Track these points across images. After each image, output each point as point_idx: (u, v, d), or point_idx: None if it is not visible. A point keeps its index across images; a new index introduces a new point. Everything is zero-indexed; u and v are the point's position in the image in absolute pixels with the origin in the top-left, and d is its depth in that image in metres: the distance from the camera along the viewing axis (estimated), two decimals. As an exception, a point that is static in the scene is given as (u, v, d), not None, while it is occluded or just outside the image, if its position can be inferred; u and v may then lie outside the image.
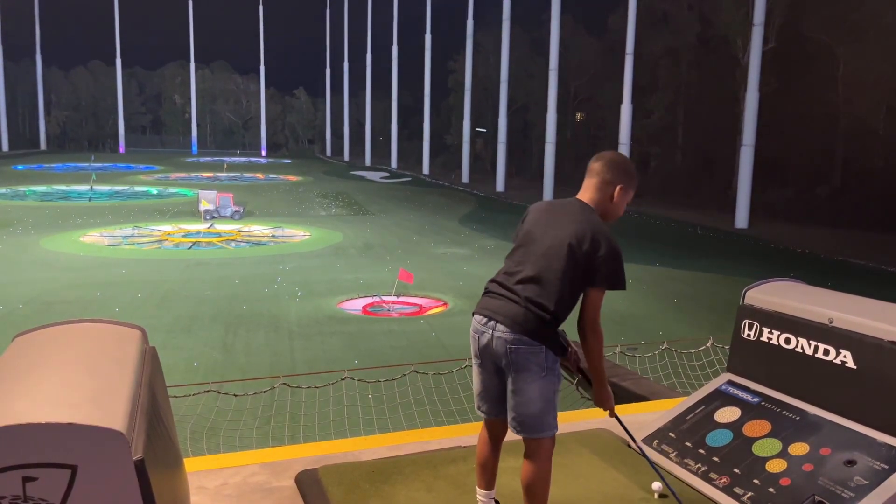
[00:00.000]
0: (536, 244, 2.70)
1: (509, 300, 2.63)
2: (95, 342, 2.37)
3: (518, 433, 2.65)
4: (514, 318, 2.58)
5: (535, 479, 2.65)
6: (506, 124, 36.75)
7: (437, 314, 11.62)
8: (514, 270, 2.69)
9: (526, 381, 2.58)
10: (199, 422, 5.87)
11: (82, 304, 11.22)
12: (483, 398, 2.74)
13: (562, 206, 2.79)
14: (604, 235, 2.62)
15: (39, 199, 27.39)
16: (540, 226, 2.75)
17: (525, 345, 2.56)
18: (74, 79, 66.49)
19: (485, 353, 2.65)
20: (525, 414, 2.60)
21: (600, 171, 2.76)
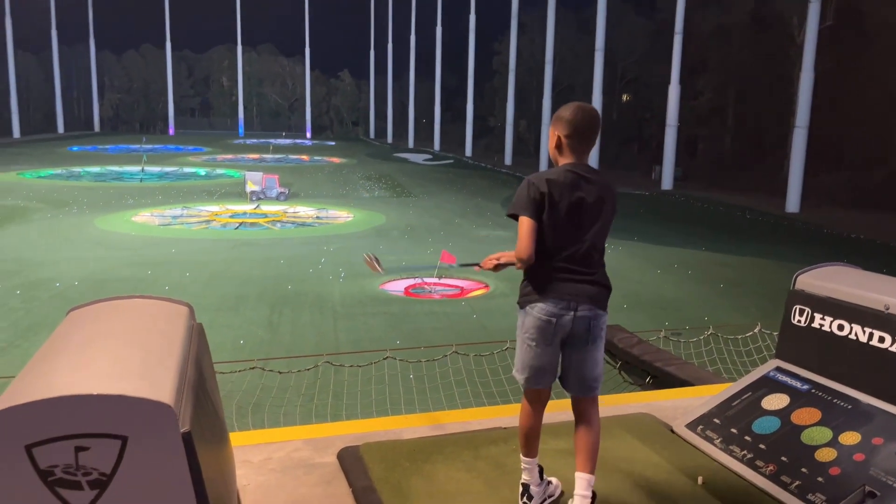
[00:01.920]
0: (581, 220, 2.73)
1: (583, 280, 2.79)
2: (145, 317, 2.43)
3: (587, 395, 2.88)
4: (592, 295, 2.79)
5: (598, 430, 2.87)
6: (550, 106, 36.33)
7: (479, 296, 11.62)
8: (571, 249, 2.79)
9: (597, 347, 2.84)
10: (244, 398, 6.00)
11: (134, 282, 11.54)
12: (545, 374, 2.87)
13: (574, 178, 2.82)
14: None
15: (93, 180, 28.18)
16: (571, 200, 2.78)
17: (602, 316, 2.82)
18: (126, 62, 68.00)
19: (559, 333, 2.80)
20: (594, 376, 2.86)
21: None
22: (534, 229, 2.81)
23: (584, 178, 2.80)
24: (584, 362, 2.83)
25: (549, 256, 2.80)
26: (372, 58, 66.46)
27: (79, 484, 1.65)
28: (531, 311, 2.81)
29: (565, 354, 2.84)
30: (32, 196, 22.21)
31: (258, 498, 2.96)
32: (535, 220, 2.81)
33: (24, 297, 10.62)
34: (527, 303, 2.84)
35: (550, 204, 2.77)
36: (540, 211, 2.79)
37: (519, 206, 2.84)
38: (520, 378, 2.88)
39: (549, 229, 2.79)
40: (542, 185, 2.79)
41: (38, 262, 13.02)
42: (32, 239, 15.55)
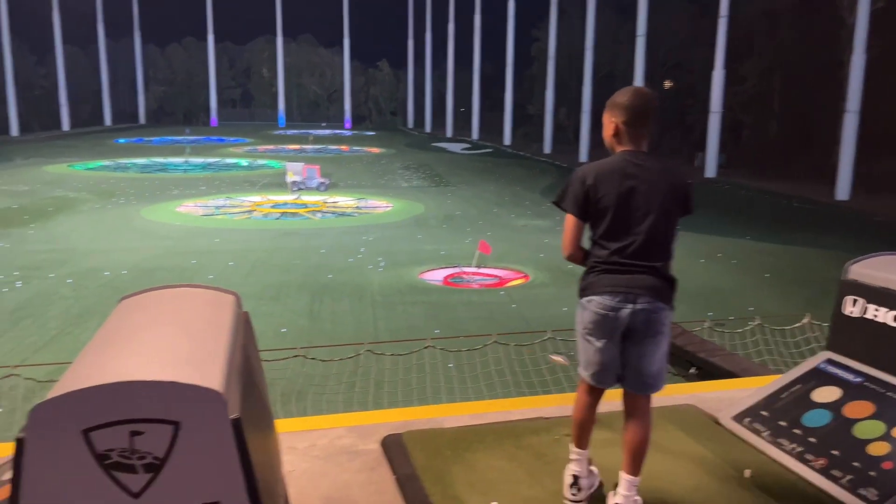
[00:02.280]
0: (634, 210, 2.68)
1: (642, 271, 2.69)
2: (194, 306, 2.48)
3: (642, 392, 2.79)
4: (653, 287, 2.68)
5: (649, 433, 2.80)
6: (591, 93, 35.87)
7: (518, 286, 11.58)
8: (626, 241, 2.70)
9: (659, 343, 2.73)
10: (288, 385, 6.09)
11: (179, 271, 11.79)
12: (605, 372, 2.80)
13: (627, 166, 2.75)
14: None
15: (139, 171, 28.83)
16: (624, 190, 2.71)
17: (663, 310, 2.70)
18: (170, 55, 69.22)
19: (617, 328, 2.71)
20: (653, 373, 2.76)
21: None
22: (575, 226, 2.78)
23: (639, 167, 2.72)
24: (642, 357, 2.73)
25: (603, 248, 2.73)
26: (410, 47, 66.45)
27: (134, 468, 1.70)
28: (588, 304, 2.74)
29: (624, 349, 2.75)
30: (81, 187, 22.83)
31: (303, 483, 3.01)
32: (578, 217, 2.77)
33: (75, 285, 10.94)
34: (584, 296, 2.78)
35: (596, 197, 2.71)
36: (584, 206, 2.74)
37: (564, 199, 2.81)
38: (585, 375, 2.82)
39: (598, 222, 2.73)
40: (589, 177, 2.75)
41: (88, 252, 13.39)
42: (82, 229, 15.99)
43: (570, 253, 2.82)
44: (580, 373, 2.88)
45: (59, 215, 17.64)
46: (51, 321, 9.10)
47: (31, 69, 52.84)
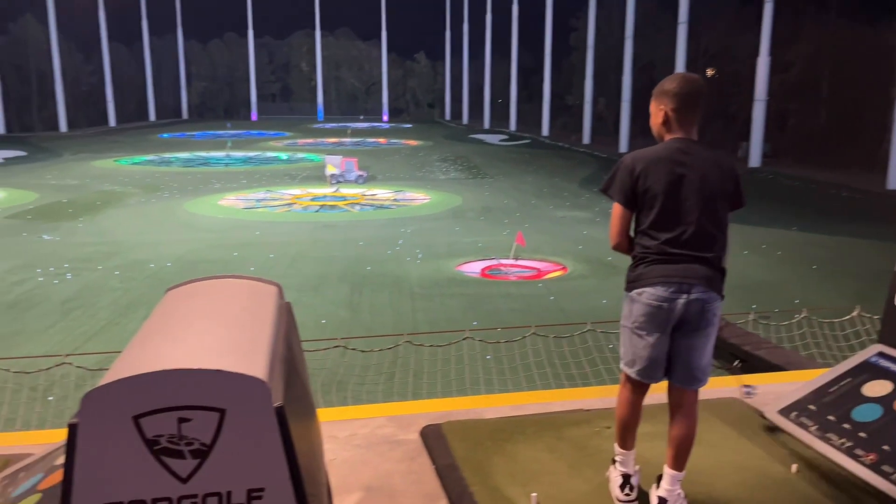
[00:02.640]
0: (684, 199, 2.64)
1: (695, 261, 2.63)
2: (238, 296, 2.52)
3: (690, 386, 2.73)
4: (706, 277, 2.62)
5: (695, 428, 2.75)
6: (630, 82, 35.35)
7: (556, 278, 11.50)
8: (677, 230, 2.64)
9: (710, 335, 2.68)
10: (328, 375, 6.16)
11: (222, 263, 12.00)
12: (655, 367, 2.73)
13: (677, 154, 2.69)
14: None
15: (182, 165, 29.39)
16: (674, 178, 2.65)
17: (716, 301, 2.65)
18: (211, 51, 70.34)
19: (670, 319, 2.65)
20: (702, 367, 2.71)
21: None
22: (623, 215, 2.73)
23: (689, 155, 2.65)
24: (692, 350, 2.67)
25: (652, 238, 2.66)
26: (448, 39, 66.34)
27: (182, 453, 1.74)
28: (639, 297, 2.67)
29: (673, 341, 2.68)
30: (127, 182, 23.38)
31: (345, 472, 3.04)
32: (625, 206, 2.71)
33: (122, 277, 11.21)
34: (633, 288, 2.70)
35: (645, 186, 2.64)
36: (631, 195, 2.68)
37: (611, 187, 2.76)
38: (630, 371, 2.74)
39: (647, 211, 2.66)
40: (638, 165, 2.69)
41: (134, 245, 13.71)
42: (128, 222, 16.38)
43: (618, 242, 2.77)
44: (624, 369, 2.81)
45: (106, 209, 18.10)
46: (100, 311, 9.35)
47: (79, 66, 54.24)
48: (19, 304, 9.66)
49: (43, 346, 7.81)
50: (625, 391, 2.83)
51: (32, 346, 7.85)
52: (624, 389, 2.84)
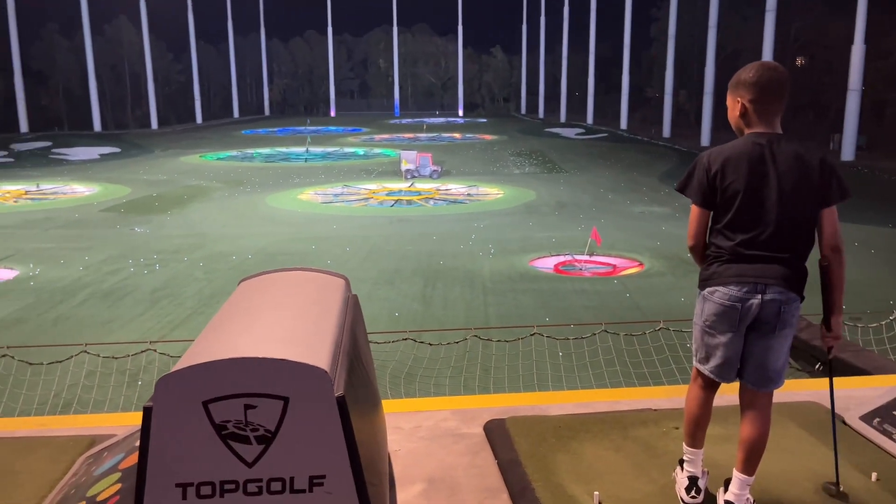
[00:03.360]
0: (764, 198, 2.53)
1: (772, 261, 2.52)
2: (305, 288, 2.60)
3: (763, 388, 2.63)
4: (784, 277, 2.51)
5: (767, 431, 2.63)
6: (713, 73, 34.17)
7: (632, 275, 11.27)
8: (755, 231, 2.53)
9: (786, 336, 2.57)
10: (398, 367, 6.26)
11: (300, 256, 12.34)
12: (728, 367, 2.64)
13: (756, 150, 2.57)
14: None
15: (264, 161, 30.34)
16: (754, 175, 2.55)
17: (794, 302, 2.54)
18: (293, 49, 72.25)
19: (744, 319, 2.56)
20: (776, 368, 2.60)
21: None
22: (701, 216, 2.63)
23: (770, 150, 2.51)
24: (768, 351, 2.56)
25: (728, 239, 2.55)
26: (524, 32, 65.88)
27: (248, 439, 1.80)
28: (711, 296, 2.57)
29: (748, 341, 2.58)
30: (212, 176, 24.33)
31: (408, 463, 3.09)
32: (702, 206, 2.61)
33: (207, 268, 11.70)
34: (706, 286, 2.60)
35: (723, 185, 2.53)
36: (709, 194, 2.59)
37: (688, 186, 2.68)
38: (702, 368, 2.67)
39: (724, 210, 2.54)
40: (715, 163, 2.58)
41: (218, 237, 14.28)
42: (213, 216, 17.06)
43: (695, 243, 2.68)
44: (696, 365, 2.75)
45: (192, 203, 18.90)
46: (185, 301, 9.80)
47: (169, 66, 56.77)
48: (114, 293, 10.23)
49: (133, 333, 8.26)
50: (695, 387, 2.76)
51: (124, 333, 8.31)
52: (694, 385, 2.77)
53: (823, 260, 2.58)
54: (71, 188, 22.06)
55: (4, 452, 3.29)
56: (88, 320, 9.00)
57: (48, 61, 50.06)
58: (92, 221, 16.38)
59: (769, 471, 2.89)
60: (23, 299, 9.94)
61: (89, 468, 2.79)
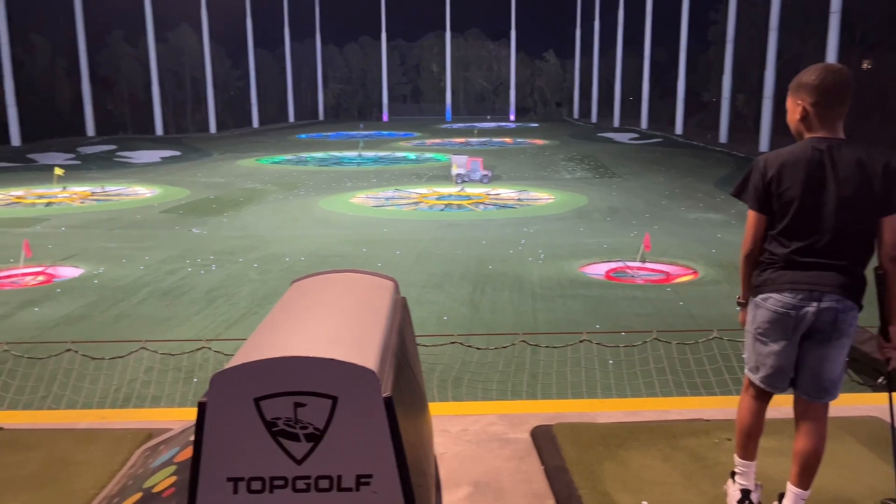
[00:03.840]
0: (822, 204, 2.47)
1: (828, 268, 2.47)
2: (355, 290, 2.64)
3: (816, 400, 2.58)
4: (841, 285, 2.46)
5: (823, 443, 2.58)
6: (773, 77, 33.27)
7: (686, 283, 11.06)
8: (811, 238, 2.48)
9: (842, 346, 2.52)
10: (445, 370, 6.28)
11: (351, 259, 12.50)
12: (780, 376, 2.60)
13: (816, 155, 2.50)
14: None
15: (318, 165, 30.84)
16: (812, 181, 2.49)
17: (852, 310, 2.49)
18: (347, 54, 73.32)
19: (798, 328, 2.52)
20: (831, 379, 2.55)
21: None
22: (757, 221, 2.58)
23: (830, 155, 2.45)
24: (823, 361, 2.51)
25: (783, 245, 2.51)
26: (577, 36, 65.35)
27: (297, 436, 1.85)
28: (763, 302, 2.54)
29: (802, 350, 2.53)
30: (268, 180, 24.85)
31: (454, 466, 3.10)
32: (759, 211, 2.56)
33: (260, 269, 11.95)
34: (759, 293, 2.57)
35: (779, 190, 2.48)
36: (765, 199, 2.53)
37: (743, 191, 2.63)
38: (753, 377, 2.63)
39: (780, 216, 2.50)
40: (771, 167, 2.53)
41: (272, 239, 14.57)
42: (267, 218, 17.42)
43: (750, 250, 2.62)
44: (748, 374, 2.69)
45: (248, 205, 19.34)
46: (240, 301, 10.03)
47: (228, 72, 58.30)
48: (172, 292, 10.55)
49: (189, 331, 8.49)
50: (747, 397, 2.71)
51: (180, 331, 8.56)
52: (746, 395, 2.72)
53: (880, 268, 2.49)
54: (133, 190, 22.84)
55: (68, 442, 3.43)
56: (147, 318, 9.30)
57: (114, 68, 52.02)
58: (153, 222, 16.93)
59: (826, 486, 2.80)
60: (87, 297, 10.34)
61: (146, 460, 2.89)
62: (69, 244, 14.10)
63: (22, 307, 9.81)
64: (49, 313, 9.50)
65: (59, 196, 21.38)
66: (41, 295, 10.49)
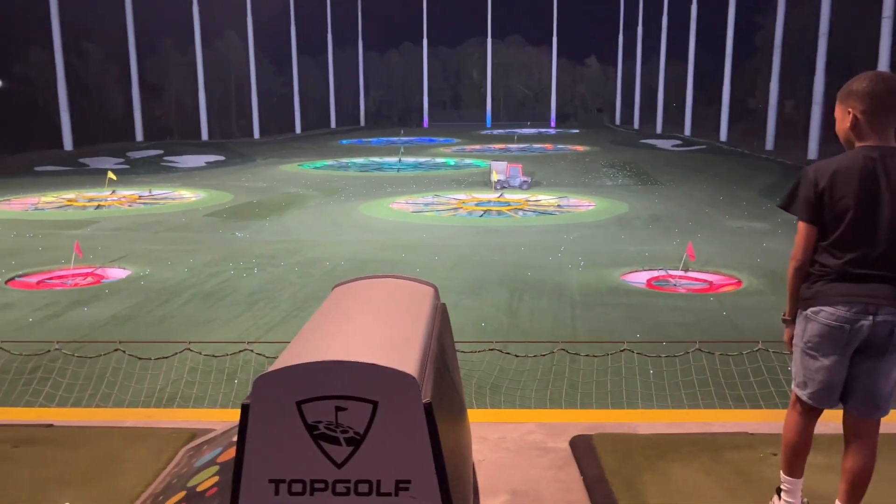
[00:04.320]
0: (876, 215, 2.41)
1: (884, 280, 2.41)
2: (396, 295, 2.65)
3: (867, 416, 2.52)
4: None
5: (873, 461, 2.53)
6: (823, 83, 32.49)
7: (730, 293, 10.85)
8: (865, 250, 2.42)
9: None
10: (483, 377, 6.26)
11: (390, 264, 12.57)
12: (830, 392, 2.54)
13: (869, 164, 2.44)
14: None
15: (358, 170, 31.14)
16: (865, 191, 2.42)
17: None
18: (388, 61, 73.93)
19: (851, 342, 2.45)
20: (883, 394, 2.49)
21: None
22: (808, 233, 2.52)
23: (885, 164, 2.39)
24: (876, 376, 2.45)
25: (836, 257, 2.45)
26: (620, 42, 64.79)
27: (338, 440, 1.86)
28: (815, 316, 2.47)
29: (853, 365, 2.47)
30: (309, 184, 25.18)
31: (492, 474, 3.09)
32: (810, 222, 2.50)
33: (301, 273, 12.11)
34: (809, 306, 2.50)
35: (832, 201, 2.43)
36: (817, 210, 2.48)
37: (794, 202, 2.57)
38: (801, 393, 2.57)
39: (832, 228, 2.44)
40: (822, 178, 2.47)
41: (313, 243, 14.75)
42: (308, 222, 17.65)
43: (802, 262, 2.56)
44: (795, 390, 2.63)
45: (289, 210, 19.62)
46: (281, 304, 10.17)
47: (272, 78, 59.30)
48: (215, 294, 10.75)
49: (231, 333, 8.65)
50: (794, 414, 2.64)
51: (223, 333, 8.71)
52: (793, 412, 2.65)
53: None
54: (179, 194, 23.37)
55: (115, 441, 3.52)
56: (190, 319, 9.50)
57: (163, 75, 53.35)
58: (197, 225, 17.29)
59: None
60: (133, 297, 10.60)
61: (190, 460, 2.94)
62: (117, 246, 14.49)
63: (72, 307, 10.11)
64: (97, 313, 9.76)
65: (109, 199, 21.99)
66: (90, 295, 10.79)
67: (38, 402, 6.12)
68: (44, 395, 6.23)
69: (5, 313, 9.78)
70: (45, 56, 40.56)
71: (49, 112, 40.83)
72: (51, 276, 12.12)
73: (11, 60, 42.57)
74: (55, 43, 38.35)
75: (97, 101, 47.47)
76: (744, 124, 44.79)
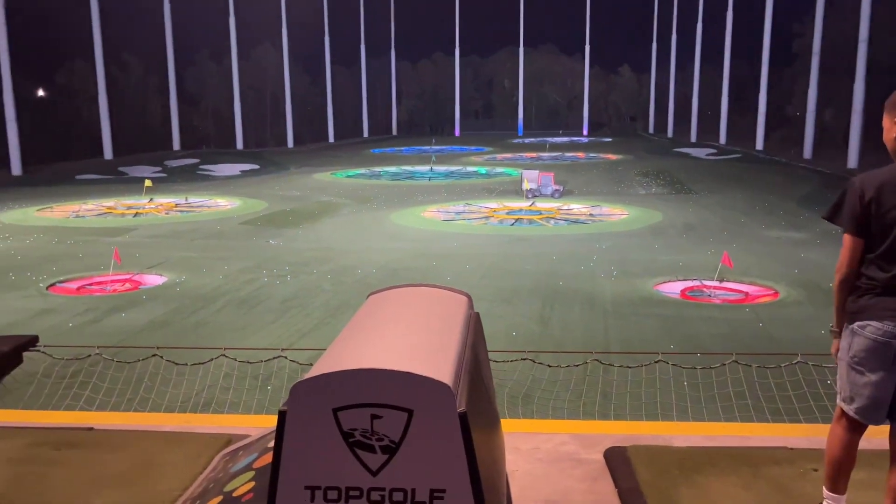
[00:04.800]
0: None
1: None
2: (431, 304, 2.66)
3: None
4: None
5: None
6: (863, 90, 31.81)
7: (766, 304, 10.65)
8: None
9: None
10: (515, 387, 6.23)
11: (421, 272, 12.61)
12: (877, 407, 2.50)
13: None
14: None
15: (390, 179, 31.31)
16: None
17: None
18: (420, 70, 74.35)
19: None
20: None
21: None
22: (854, 245, 2.47)
23: None
24: None
25: (883, 270, 2.41)
26: (654, 50, 64.28)
27: (373, 448, 1.87)
28: (861, 330, 2.44)
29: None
30: (342, 193, 25.39)
31: (525, 484, 3.07)
32: (856, 234, 2.46)
33: (334, 281, 12.20)
34: (856, 320, 2.47)
35: (879, 212, 2.40)
36: (864, 222, 2.44)
37: (839, 214, 2.53)
38: (847, 408, 2.53)
39: (879, 240, 2.41)
40: (869, 190, 2.43)
41: (345, 251, 14.86)
42: (341, 231, 17.79)
43: (847, 275, 2.51)
44: (840, 405, 2.57)
45: (322, 218, 19.80)
46: (313, 311, 10.25)
47: (306, 88, 60.05)
48: (248, 301, 10.88)
49: (265, 340, 8.74)
50: (838, 429, 2.58)
51: (256, 339, 8.81)
52: (838, 427, 2.59)
53: None
54: (214, 202, 23.74)
55: (153, 444, 3.58)
56: (225, 326, 9.62)
57: (200, 85, 54.39)
58: (232, 233, 17.54)
59: (923, 525, 2.63)
60: (170, 304, 10.79)
61: (226, 465, 2.98)
62: (155, 253, 14.77)
63: (110, 312, 10.32)
64: (135, 319, 9.95)
65: (147, 207, 22.43)
66: (127, 301, 11.01)
67: (78, 405, 6.25)
68: (84, 398, 6.36)
69: (47, 318, 10.03)
70: (86, 67, 41.70)
71: (90, 122, 41.89)
72: (90, 282, 12.40)
73: (54, 71, 43.79)
74: (96, 55, 39.38)
75: (136, 111, 48.55)
76: (781, 132, 44.05)
